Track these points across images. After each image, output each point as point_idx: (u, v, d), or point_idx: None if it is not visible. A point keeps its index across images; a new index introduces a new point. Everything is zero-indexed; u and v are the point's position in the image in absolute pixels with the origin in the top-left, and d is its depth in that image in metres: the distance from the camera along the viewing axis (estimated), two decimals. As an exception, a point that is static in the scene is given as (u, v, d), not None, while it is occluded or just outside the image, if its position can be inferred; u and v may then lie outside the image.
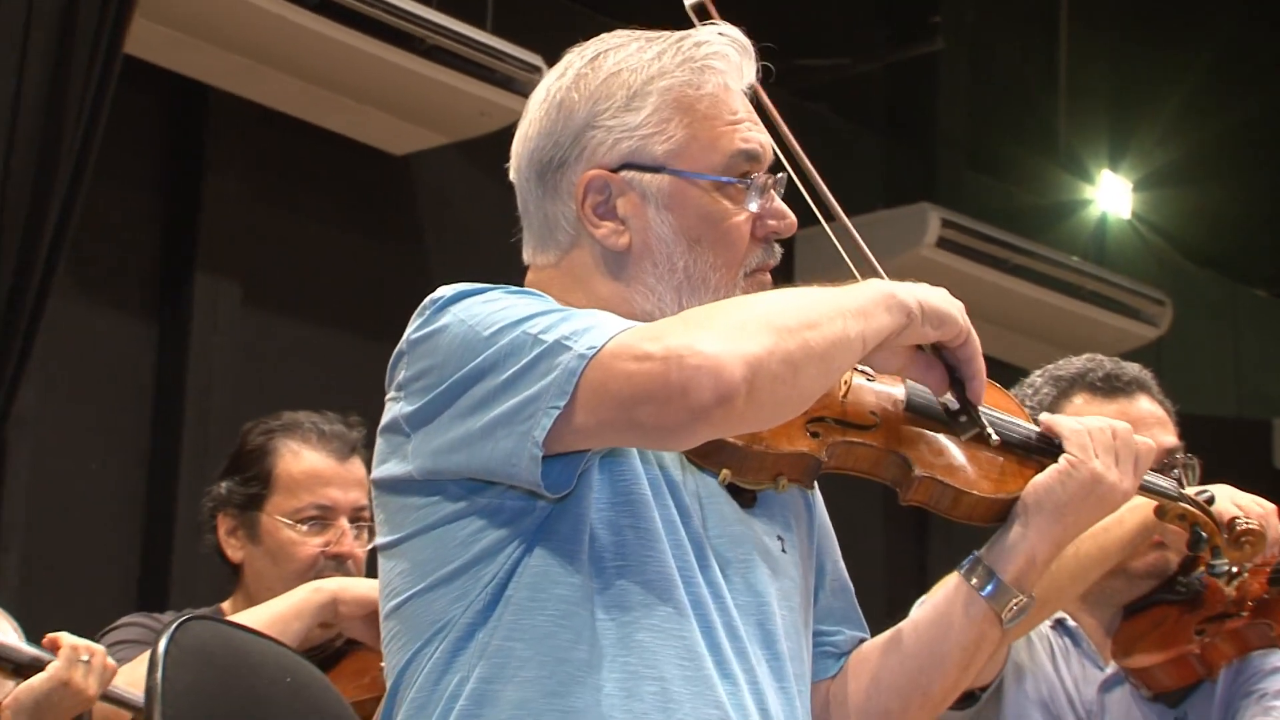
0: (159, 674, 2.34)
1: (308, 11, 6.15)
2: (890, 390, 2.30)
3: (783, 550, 2.29)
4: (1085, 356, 3.24)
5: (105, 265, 6.53)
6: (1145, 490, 2.48)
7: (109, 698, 3.09)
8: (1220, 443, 3.34)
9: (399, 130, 6.84)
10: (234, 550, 3.47)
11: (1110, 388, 3.14)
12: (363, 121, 6.77)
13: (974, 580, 2.30)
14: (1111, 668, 3.17)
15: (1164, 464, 3.06)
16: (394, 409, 2.17)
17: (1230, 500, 2.74)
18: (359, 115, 6.73)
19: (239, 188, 6.87)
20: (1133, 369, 3.20)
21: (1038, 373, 3.23)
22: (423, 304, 2.17)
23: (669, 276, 2.24)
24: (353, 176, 7.10)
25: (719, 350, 1.98)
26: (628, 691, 2.09)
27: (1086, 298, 8.19)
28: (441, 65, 6.47)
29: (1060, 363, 3.22)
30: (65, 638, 3.06)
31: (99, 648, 3.08)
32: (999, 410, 2.34)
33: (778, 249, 2.31)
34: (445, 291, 2.16)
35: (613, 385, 2.00)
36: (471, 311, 2.12)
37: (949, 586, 2.34)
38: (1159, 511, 2.60)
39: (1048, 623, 3.20)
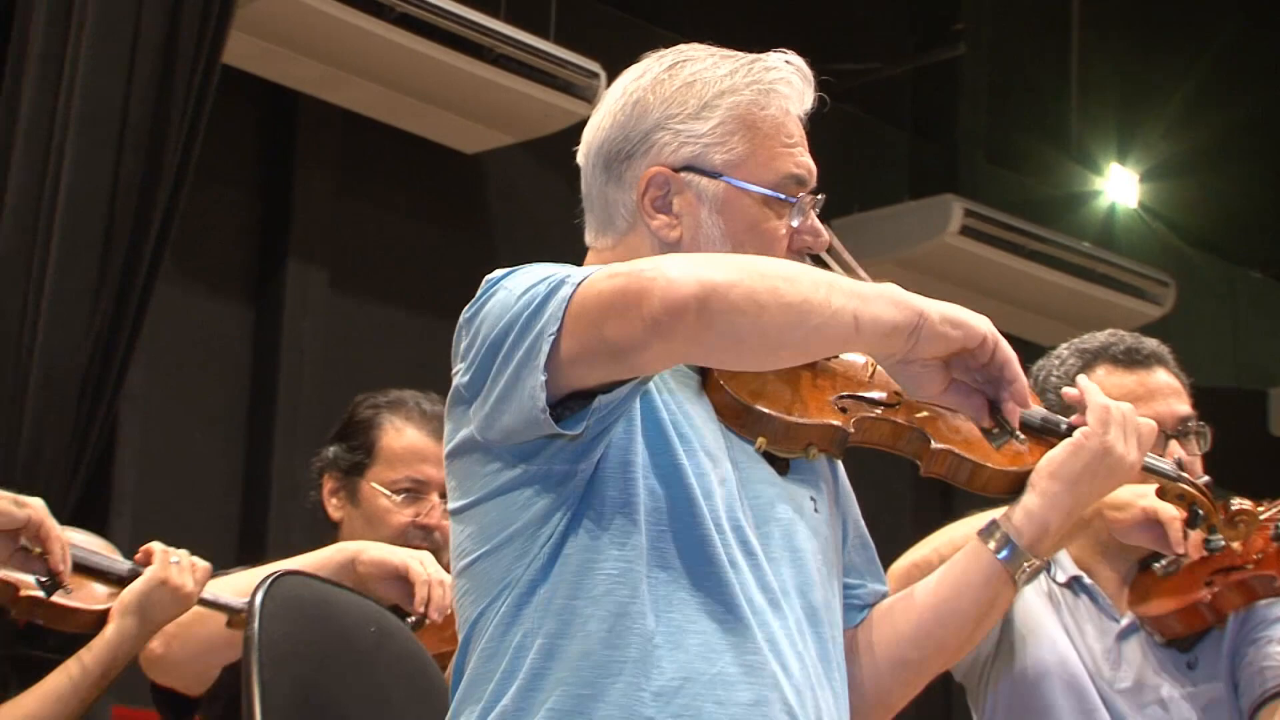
0: (255, 624, 2.35)
1: (387, 24, 6.19)
2: None
3: (815, 510, 2.29)
4: (1108, 331, 3.18)
5: (206, 256, 6.57)
6: (1148, 471, 2.47)
7: (207, 602, 3.10)
8: (1220, 412, 3.31)
9: (470, 131, 6.85)
10: (334, 509, 3.49)
11: (1131, 360, 3.10)
12: (437, 123, 6.79)
13: (991, 544, 2.29)
14: (1127, 618, 3.13)
15: (1179, 430, 3.04)
16: (456, 381, 2.18)
17: None
18: (434, 118, 6.75)
19: (326, 185, 6.92)
20: (1151, 343, 3.16)
21: (1064, 345, 3.18)
22: (488, 280, 2.18)
23: None
24: (428, 173, 7.12)
25: (679, 271, 1.98)
26: (674, 643, 2.10)
27: (1097, 280, 8.15)
28: (509, 72, 6.49)
29: (1085, 336, 3.17)
30: (156, 546, 3.09)
31: (186, 553, 3.10)
32: None
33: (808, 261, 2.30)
34: (497, 273, 2.17)
35: (587, 305, 2.01)
36: (512, 282, 2.12)
37: (968, 549, 2.33)
38: (1160, 492, 2.58)
39: (1060, 579, 3.17)
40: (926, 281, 7.70)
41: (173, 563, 3.04)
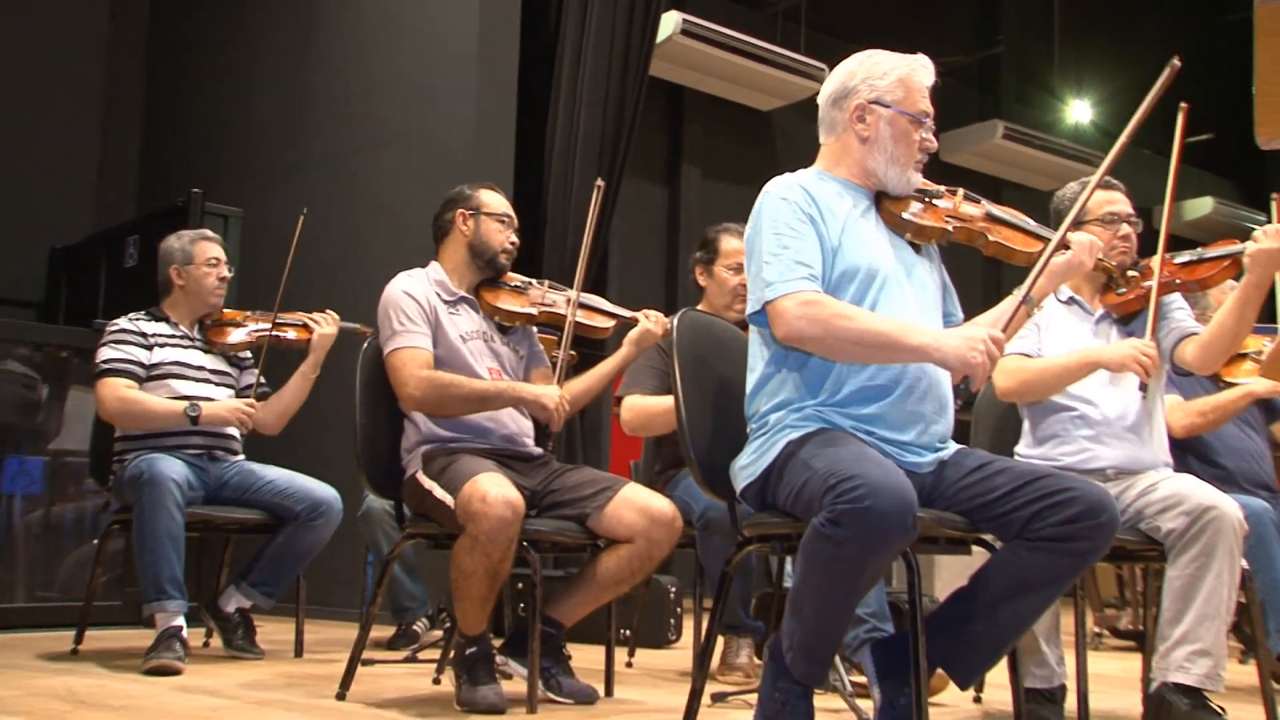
0: (675, 334, 2.23)
1: (722, 50, 6.09)
2: (977, 210, 2.05)
3: (931, 271, 2.07)
4: (1095, 175, 2.85)
5: (643, 165, 6.44)
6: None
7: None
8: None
9: (763, 99, 6.63)
10: (701, 281, 3.31)
11: (1107, 185, 2.74)
12: (748, 95, 6.57)
13: (1022, 296, 2.05)
14: (1099, 313, 2.81)
15: (1129, 220, 2.69)
16: (747, 235, 1.99)
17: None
18: (746, 93, 6.54)
19: (698, 128, 6.72)
20: (1117, 181, 2.82)
21: (1073, 183, 2.85)
22: (765, 188, 1.97)
23: (884, 154, 2.00)
24: (743, 121, 6.83)
25: (808, 332, 1.84)
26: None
27: (1069, 157, 7.64)
28: (779, 69, 6.33)
29: (1083, 178, 2.83)
30: (642, 313, 2.87)
31: (659, 316, 2.80)
32: (1026, 219, 2.09)
33: (926, 157, 2.03)
34: (769, 187, 1.96)
35: (776, 312, 1.87)
36: (769, 212, 1.93)
37: (1013, 299, 2.06)
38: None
39: (1063, 299, 2.83)
40: (986, 163, 7.52)
41: (649, 319, 2.79)
